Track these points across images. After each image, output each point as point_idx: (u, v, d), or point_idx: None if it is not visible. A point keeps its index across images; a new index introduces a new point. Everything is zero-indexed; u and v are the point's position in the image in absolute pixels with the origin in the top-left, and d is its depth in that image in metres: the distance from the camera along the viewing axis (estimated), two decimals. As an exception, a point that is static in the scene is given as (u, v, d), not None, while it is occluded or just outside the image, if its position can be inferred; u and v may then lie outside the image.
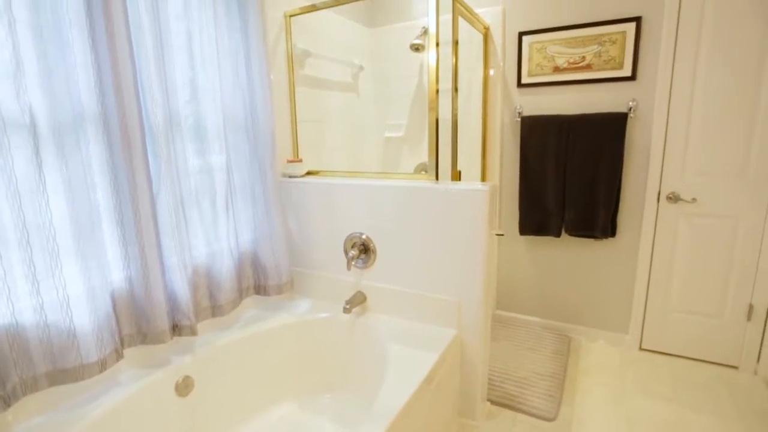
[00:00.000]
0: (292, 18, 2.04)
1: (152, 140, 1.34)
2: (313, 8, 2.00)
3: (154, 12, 1.35)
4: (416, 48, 2.47)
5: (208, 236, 1.63)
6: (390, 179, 1.81)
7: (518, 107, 2.43)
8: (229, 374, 1.61)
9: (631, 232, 2.28)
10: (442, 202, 1.59)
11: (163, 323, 1.35)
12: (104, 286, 1.24)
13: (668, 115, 2.10)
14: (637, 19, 2.09)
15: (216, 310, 1.62)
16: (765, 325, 2.08)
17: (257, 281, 1.84)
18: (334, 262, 1.92)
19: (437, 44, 1.69)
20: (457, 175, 1.98)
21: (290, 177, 2.03)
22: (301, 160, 2.06)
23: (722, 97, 2.00)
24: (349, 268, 1.74)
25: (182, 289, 1.42)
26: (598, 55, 2.19)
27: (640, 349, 2.39)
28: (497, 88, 2.46)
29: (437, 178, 1.70)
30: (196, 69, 1.55)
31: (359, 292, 1.84)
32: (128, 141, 1.24)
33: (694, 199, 2.12)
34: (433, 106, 1.70)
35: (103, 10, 1.17)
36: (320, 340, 1.81)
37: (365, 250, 1.80)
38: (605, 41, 2.17)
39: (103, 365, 1.22)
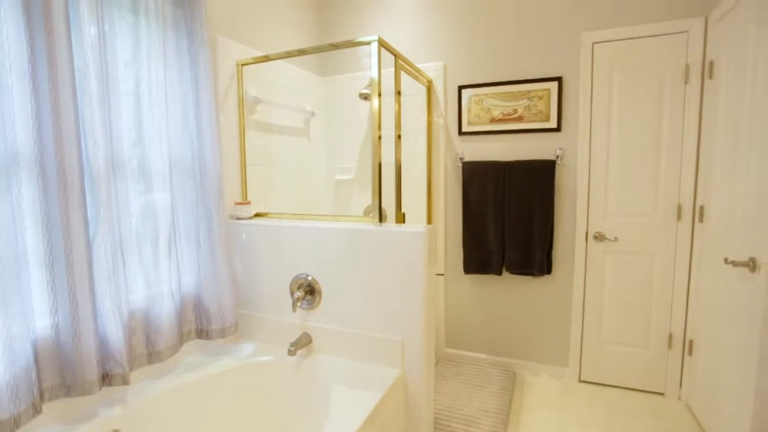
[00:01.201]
0: (245, 67, 2.13)
1: (92, 183, 1.34)
2: (266, 59, 2.11)
3: (101, 59, 1.39)
4: (365, 97, 2.62)
5: (149, 279, 1.60)
6: (336, 221, 1.87)
7: (460, 153, 2.61)
8: (164, 425, 1.53)
9: (565, 269, 2.45)
10: (384, 244, 1.66)
11: (92, 373, 1.29)
12: (25, 334, 1.18)
13: (590, 162, 2.34)
14: (559, 79, 2.36)
15: (153, 356, 1.56)
16: (683, 353, 2.26)
17: (200, 325, 1.79)
18: (280, 304, 1.91)
19: (379, 95, 1.82)
20: (401, 218, 2.07)
21: (238, 219, 2.04)
22: (249, 203, 2.09)
23: (632, 147, 2.26)
24: (294, 310, 1.74)
25: (115, 335, 1.37)
26: (528, 108, 2.43)
27: (580, 381, 2.51)
28: (440, 136, 2.64)
29: (381, 220, 1.78)
30: (144, 114, 1.58)
31: (305, 333, 1.84)
32: (65, 184, 1.23)
33: (616, 238, 2.33)
34: (376, 151, 1.81)
35: (47, 57, 1.19)
36: (264, 384, 1.77)
37: (311, 291, 1.82)
38: (533, 96, 2.42)
39: (16, 422, 1.13)
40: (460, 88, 2.58)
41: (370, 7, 2.80)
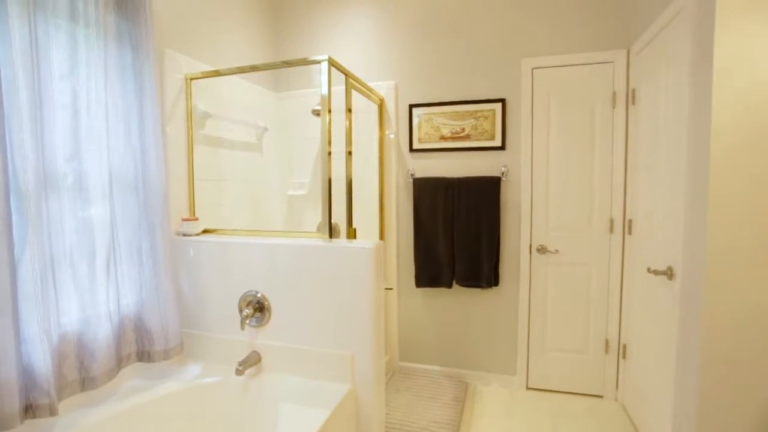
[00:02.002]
0: (194, 81, 2.10)
1: (19, 200, 1.26)
2: (216, 73, 2.09)
3: (33, 69, 1.33)
4: (317, 113, 2.65)
5: (84, 300, 1.51)
6: (286, 237, 1.86)
7: (411, 170, 2.68)
8: (99, 457, 1.44)
9: (511, 281, 2.57)
10: (333, 260, 1.68)
11: (12, 405, 1.20)
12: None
13: (532, 179, 2.49)
14: (503, 101, 2.50)
15: (87, 382, 1.47)
16: (618, 357, 2.42)
17: (141, 347, 1.71)
18: (229, 322, 1.87)
19: (329, 111, 1.85)
20: (352, 233, 2.10)
21: (185, 236, 1.98)
22: (197, 219, 2.04)
23: (569, 165, 2.43)
24: (242, 328, 1.71)
25: (42, 362, 1.28)
26: (475, 127, 2.56)
27: (527, 388, 2.61)
28: (392, 153, 2.71)
29: (330, 236, 1.79)
30: (82, 127, 1.51)
31: (254, 351, 1.80)
32: (-12, 201, 1.16)
33: (557, 250, 2.48)
34: (326, 167, 1.83)
35: (-29, 68, 1.13)
36: (210, 407, 1.71)
37: (260, 308, 1.79)
38: (480, 116, 2.55)
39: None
40: (411, 106, 2.67)
41: (326, 26, 2.85)
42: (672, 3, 1.74)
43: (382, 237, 2.73)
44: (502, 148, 2.51)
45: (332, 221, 2.70)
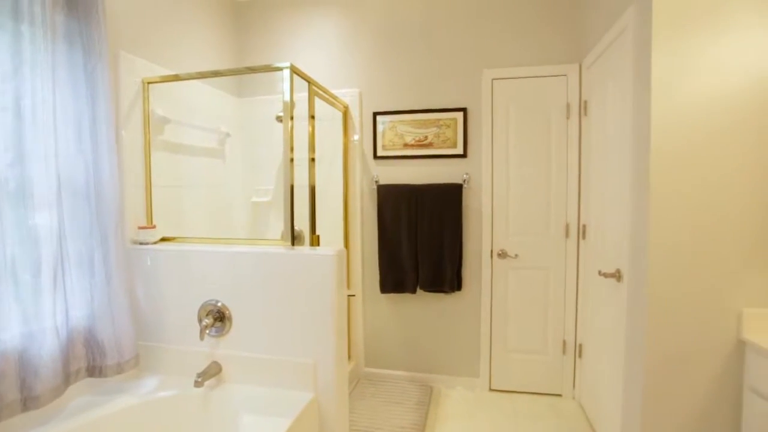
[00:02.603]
0: (152, 85, 2.04)
1: (-45, 208, 1.19)
2: (176, 78, 2.04)
3: (-28, 71, 1.26)
4: (281, 119, 2.63)
5: (27, 314, 1.43)
6: (248, 245, 1.83)
7: (375, 176, 2.71)
8: (43, 480, 1.36)
9: (474, 285, 2.63)
10: (296, 267, 1.67)
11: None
12: None
13: (492, 186, 2.57)
14: (464, 110, 2.58)
15: (29, 402, 1.39)
16: (575, 357, 2.52)
17: (92, 362, 1.63)
18: (188, 333, 1.81)
19: (291, 118, 1.86)
20: (316, 240, 2.10)
21: (141, 244, 1.91)
22: (154, 227, 1.97)
23: (527, 173, 2.53)
24: (202, 338, 1.67)
25: (-19, 381, 1.20)
26: (438, 135, 2.61)
27: (490, 390, 2.67)
28: (357, 160, 2.73)
29: (292, 243, 1.79)
30: (26, 131, 1.44)
31: (214, 362, 1.76)
32: None
33: (516, 255, 2.56)
34: (288, 174, 1.82)
35: None
36: (168, 421, 1.65)
37: (221, 317, 1.76)
38: (442, 125, 2.61)
39: None
40: (375, 114, 2.70)
41: (290, 33, 2.85)
42: (616, 23, 1.85)
43: (346, 243, 2.74)
44: (464, 155, 2.58)
45: (297, 228, 2.69)
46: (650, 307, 1.54)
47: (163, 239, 2.00)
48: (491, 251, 2.59)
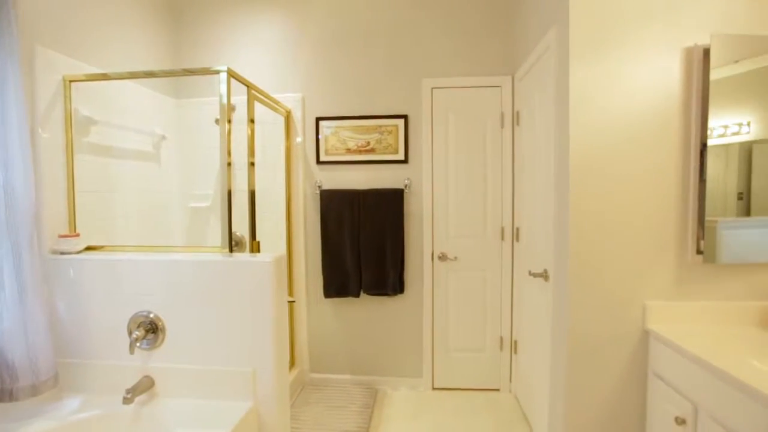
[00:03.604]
0: (75, 83, 1.92)
1: None
2: (104, 77, 1.93)
3: None
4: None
5: (-77, 335, 1.29)
6: (184, 253, 1.77)
7: (318, 181, 2.71)
8: None
9: (416, 287, 2.71)
10: (233, 275, 1.64)
11: None
12: None
13: (433, 191, 2.66)
14: (405, 117, 2.65)
15: (-74, 431, 1.25)
16: (511, 353, 2.67)
17: (1, 385, 1.50)
18: (116, 347, 1.71)
19: (229, 121, 1.82)
20: (256, 246, 2.07)
21: (62, 254, 1.78)
22: (78, 235, 1.85)
23: (466, 178, 2.65)
24: (132, 352, 1.58)
25: None
26: (380, 141, 2.67)
27: (433, 389, 2.75)
28: (299, 164, 2.72)
29: (230, 250, 1.75)
30: None
31: (146, 377, 1.68)
32: None
33: (456, 258, 2.67)
34: (226, 178, 1.79)
35: None
36: (92, 444, 1.55)
37: (153, 329, 1.68)
38: (384, 131, 2.67)
39: None
40: (318, 119, 2.71)
41: (232, 35, 2.78)
42: (542, 41, 2.00)
43: (290, 249, 2.71)
44: (405, 161, 2.66)
45: (238, 234, 2.63)
46: (571, 303, 1.67)
47: (89, 248, 1.87)
48: (432, 254, 2.68)
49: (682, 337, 1.50)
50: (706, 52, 1.57)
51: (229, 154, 1.82)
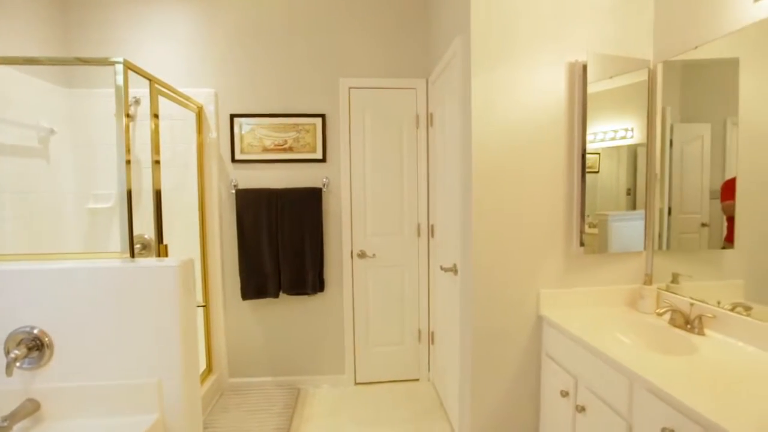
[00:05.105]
0: (-70, 68, 1.66)
1: None
2: (-32, 61, 1.70)
3: None
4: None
5: None
6: (78, 260, 1.62)
7: (234, 180, 2.62)
8: None
9: (336, 285, 2.73)
10: (135, 281, 1.53)
11: None
12: None
13: (351, 189, 2.70)
14: (323, 116, 2.65)
15: None
16: (429, 344, 2.81)
17: None
18: (-8, 369, 1.53)
19: (128, 115, 1.71)
20: (163, 250, 1.96)
21: None
22: (-61, 243, 1.61)
23: (383, 177, 2.72)
24: (9, 374, 1.42)
25: None
26: (297, 140, 2.64)
27: (356, 384, 2.80)
28: (213, 163, 2.60)
29: (132, 255, 1.64)
30: None
31: (28, 400, 1.51)
32: None
33: (374, 255, 2.74)
34: (125, 177, 1.67)
35: None
36: (-38, 480, 1.37)
37: (38, 346, 1.52)
38: (302, 130, 2.65)
39: None
40: (233, 116, 2.61)
41: (139, 23, 2.57)
42: (450, 47, 2.12)
43: (204, 251, 2.59)
44: (324, 160, 2.66)
45: (146, 237, 2.46)
46: (475, 293, 1.81)
47: (-45, 258, 1.64)
48: (351, 252, 2.72)
49: (566, 320, 1.69)
50: (585, 68, 1.78)
51: (128, 150, 1.70)
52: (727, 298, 1.49)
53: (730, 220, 1.50)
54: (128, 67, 1.72)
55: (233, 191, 2.60)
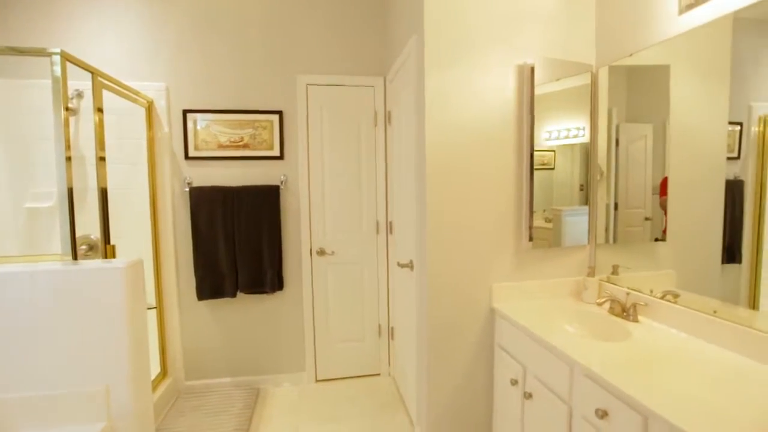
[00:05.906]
0: None
1: None
2: None
3: None
4: (68, 109, 2.24)
5: None
6: (13, 264, 1.53)
7: (187, 178, 2.54)
8: None
9: (295, 283, 2.72)
10: (78, 285, 1.47)
11: None
12: None
13: (309, 187, 2.69)
14: (280, 113, 2.62)
15: None
16: (389, 339, 2.85)
17: None
18: None
19: (67, 109, 1.63)
20: (111, 251, 1.88)
21: None
22: None
23: (341, 174, 2.73)
24: (-63, 386, 1.33)
25: None
26: (254, 137, 2.60)
27: (317, 381, 2.81)
28: (165, 160, 2.51)
29: (75, 257, 1.57)
30: None
31: (-40, 412, 1.42)
32: None
33: (333, 252, 2.75)
34: (64, 175, 1.59)
35: None
36: None
37: (-31, 355, 1.43)
38: (258, 126, 2.60)
39: None
40: (186, 112, 2.53)
41: (87, 15, 2.43)
42: (405, 47, 2.15)
43: (157, 251, 2.50)
44: (281, 157, 2.63)
45: (93, 237, 2.34)
46: (429, 288, 1.86)
47: None
48: (310, 250, 2.71)
49: (516, 312, 1.78)
50: (533, 70, 1.86)
51: (68, 146, 1.62)
52: (660, 287, 1.62)
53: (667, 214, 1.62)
54: (66, 58, 1.63)
55: (187, 189, 2.52)
